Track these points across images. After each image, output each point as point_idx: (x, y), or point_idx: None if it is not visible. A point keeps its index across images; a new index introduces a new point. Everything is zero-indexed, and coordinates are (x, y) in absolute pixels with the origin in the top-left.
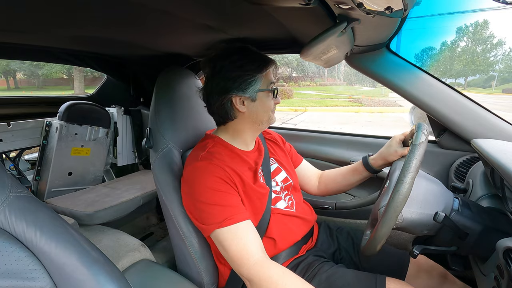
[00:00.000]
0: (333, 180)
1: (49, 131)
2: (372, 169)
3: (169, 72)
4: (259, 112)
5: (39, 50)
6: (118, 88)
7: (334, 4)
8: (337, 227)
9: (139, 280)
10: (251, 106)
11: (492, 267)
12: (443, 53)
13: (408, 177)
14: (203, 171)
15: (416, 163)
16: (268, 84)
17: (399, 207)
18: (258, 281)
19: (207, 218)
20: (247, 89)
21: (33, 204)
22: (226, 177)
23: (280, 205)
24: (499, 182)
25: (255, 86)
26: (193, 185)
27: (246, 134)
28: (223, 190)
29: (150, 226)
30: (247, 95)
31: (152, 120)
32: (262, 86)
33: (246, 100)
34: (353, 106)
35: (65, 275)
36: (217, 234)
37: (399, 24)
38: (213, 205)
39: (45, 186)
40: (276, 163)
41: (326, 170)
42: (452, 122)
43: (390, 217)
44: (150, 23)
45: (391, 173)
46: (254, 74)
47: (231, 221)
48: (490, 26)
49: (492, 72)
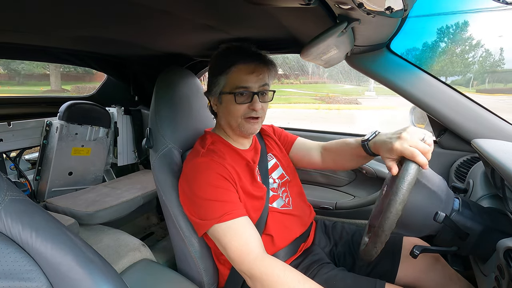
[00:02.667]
0: (335, 153)
1: (50, 131)
2: (371, 152)
3: (169, 72)
4: (225, 116)
5: (39, 50)
6: (119, 88)
7: (334, 4)
8: (332, 223)
9: (140, 279)
10: (220, 109)
11: (492, 267)
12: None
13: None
14: (204, 168)
15: (406, 191)
16: (233, 87)
17: (394, 218)
18: (259, 276)
19: (206, 213)
20: (211, 91)
21: (29, 206)
22: (226, 174)
23: (277, 203)
24: (500, 182)
25: (217, 88)
26: (193, 181)
27: (233, 134)
28: (223, 186)
29: (151, 226)
30: (213, 96)
31: (152, 120)
32: (225, 89)
33: (216, 101)
34: (314, 103)
35: (61, 275)
36: (215, 230)
37: (399, 24)
38: (213, 200)
39: (46, 186)
40: (274, 158)
41: (329, 142)
42: (453, 122)
43: (387, 227)
44: (150, 23)
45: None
46: (217, 76)
47: (230, 216)
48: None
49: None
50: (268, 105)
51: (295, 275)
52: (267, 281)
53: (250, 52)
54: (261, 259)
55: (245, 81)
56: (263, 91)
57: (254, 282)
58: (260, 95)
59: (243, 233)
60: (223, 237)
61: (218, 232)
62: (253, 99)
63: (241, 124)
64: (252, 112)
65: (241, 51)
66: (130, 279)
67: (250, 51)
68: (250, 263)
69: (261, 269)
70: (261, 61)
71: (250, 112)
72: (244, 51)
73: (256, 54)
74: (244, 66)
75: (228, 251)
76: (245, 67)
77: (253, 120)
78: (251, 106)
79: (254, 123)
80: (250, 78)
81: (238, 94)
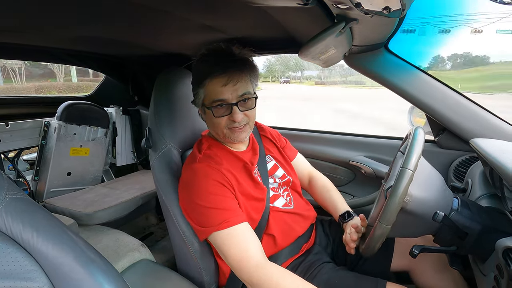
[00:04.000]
0: (317, 193)
1: (48, 131)
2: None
3: (169, 72)
4: (211, 127)
5: (39, 50)
6: (117, 88)
7: (332, 4)
8: (328, 220)
9: (139, 280)
10: (206, 119)
11: (491, 266)
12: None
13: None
14: (201, 175)
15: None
16: (211, 101)
17: (394, 211)
18: (258, 283)
19: (205, 221)
20: (195, 102)
21: (30, 206)
22: (224, 180)
23: (278, 203)
24: (498, 182)
25: (198, 100)
26: (191, 188)
27: (225, 141)
28: (220, 193)
29: (150, 226)
30: (198, 107)
31: (151, 120)
32: (204, 101)
33: (201, 111)
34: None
35: (62, 275)
36: (215, 237)
37: (397, 24)
38: (211, 208)
39: (44, 186)
40: (273, 160)
41: (317, 177)
42: (451, 122)
43: (388, 217)
44: (150, 23)
45: (390, 175)
46: (196, 88)
47: (228, 223)
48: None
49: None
50: (255, 110)
51: (294, 280)
52: (276, 282)
53: (223, 59)
54: (261, 266)
55: (220, 93)
56: (244, 99)
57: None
58: (240, 105)
59: (242, 240)
60: (222, 245)
61: (217, 240)
62: (233, 110)
63: (227, 134)
64: (234, 123)
65: (215, 61)
66: (129, 279)
67: (223, 59)
68: (249, 271)
69: (260, 276)
70: (235, 68)
71: (232, 123)
72: (218, 59)
73: (230, 61)
74: (218, 79)
75: (228, 258)
76: (218, 79)
77: (239, 129)
78: (231, 118)
79: (240, 132)
80: (225, 90)
81: (216, 107)
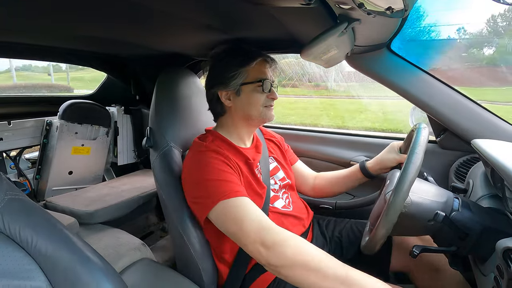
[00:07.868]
0: (328, 182)
1: (50, 130)
2: (369, 174)
3: (169, 72)
4: (245, 106)
5: (40, 49)
6: (119, 88)
7: (334, 4)
8: (325, 220)
9: (139, 279)
10: (237, 100)
11: (492, 267)
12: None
13: (407, 179)
14: (208, 156)
15: (415, 167)
16: (256, 79)
17: (398, 208)
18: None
19: (212, 191)
20: (229, 83)
21: (28, 206)
22: (230, 163)
23: (278, 204)
24: (499, 183)
25: (237, 80)
26: (198, 167)
27: (240, 129)
28: (227, 170)
29: (150, 225)
30: (230, 89)
31: (152, 119)
32: (247, 80)
33: (231, 94)
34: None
35: (60, 274)
36: (224, 206)
37: (400, 24)
38: (219, 180)
39: (46, 185)
40: (275, 161)
41: (321, 172)
42: (453, 122)
43: (390, 218)
44: (150, 23)
45: (391, 174)
46: (236, 68)
47: (238, 193)
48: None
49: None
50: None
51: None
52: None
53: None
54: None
55: (264, 73)
56: (275, 86)
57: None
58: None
59: (256, 209)
60: (235, 212)
61: (229, 207)
62: (272, 89)
63: (263, 112)
64: (271, 101)
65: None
66: (129, 278)
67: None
68: (273, 231)
69: (285, 233)
70: (270, 59)
71: (269, 101)
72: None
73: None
74: (264, 62)
75: (245, 223)
76: (264, 62)
77: (272, 107)
78: (271, 96)
79: (272, 109)
80: (268, 72)
81: (261, 81)
